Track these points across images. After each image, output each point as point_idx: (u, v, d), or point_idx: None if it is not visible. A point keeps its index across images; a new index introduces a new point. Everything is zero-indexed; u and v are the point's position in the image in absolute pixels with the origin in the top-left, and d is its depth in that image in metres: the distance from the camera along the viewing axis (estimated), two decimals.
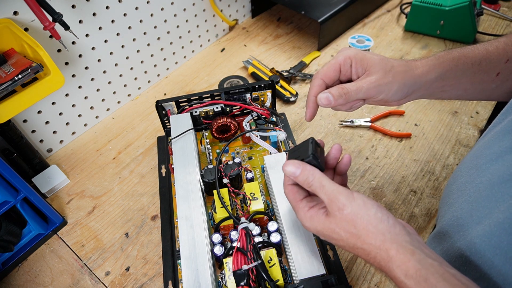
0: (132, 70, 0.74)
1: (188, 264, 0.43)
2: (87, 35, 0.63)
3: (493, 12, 0.92)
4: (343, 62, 0.41)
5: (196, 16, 0.82)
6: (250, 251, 0.44)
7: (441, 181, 0.60)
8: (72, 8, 0.59)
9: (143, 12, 0.70)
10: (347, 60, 0.41)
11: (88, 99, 0.69)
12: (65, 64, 0.63)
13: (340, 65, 0.42)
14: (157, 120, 0.72)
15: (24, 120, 0.61)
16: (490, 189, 0.35)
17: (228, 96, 0.61)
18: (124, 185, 0.63)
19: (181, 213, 0.48)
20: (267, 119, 0.61)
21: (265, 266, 0.43)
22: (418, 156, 0.64)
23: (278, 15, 0.98)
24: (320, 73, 0.42)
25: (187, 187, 0.50)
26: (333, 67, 0.42)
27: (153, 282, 0.51)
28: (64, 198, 0.61)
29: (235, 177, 0.53)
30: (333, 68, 0.42)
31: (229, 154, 0.61)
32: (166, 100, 0.60)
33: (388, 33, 0.90)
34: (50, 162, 0.65)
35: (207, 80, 0.81)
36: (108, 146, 0.69)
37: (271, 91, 0.62)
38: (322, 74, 0.42)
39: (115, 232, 0.57)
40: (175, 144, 0.56)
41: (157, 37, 0.76)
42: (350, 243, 0.34)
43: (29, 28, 0.55)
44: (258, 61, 0.81)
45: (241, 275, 0.42)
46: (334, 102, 0.40)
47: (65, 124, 0.68)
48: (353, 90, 0.40)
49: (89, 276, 0.52)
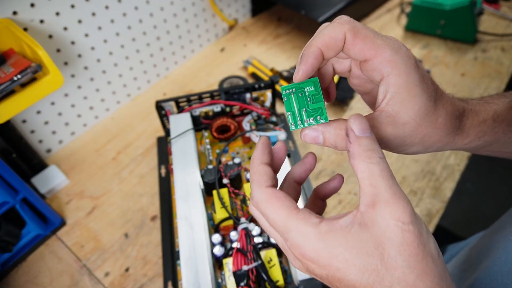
0: (131, 70, 0.74)
1: (187, 264, 0.43)
2: (86, 35, 0.63)
3: (493, 12, 0.92)
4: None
5: (196, 16, 0.81)
6: (250, 252, 0.44)
7: (441, 182, 0.59)
8: (72, 8, 0.59)
9: (143, 12, 0.70)
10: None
11: (88, 99, 0.69)
12: (64, 64, 0.63)
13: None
14: (157, 120, 0.72)
15: (23, 120, 0.61)
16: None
17: (228, 96, 0.60)
18: (124, 185, 0.62)
19: (181, 213, 0.47)
20: (267, 119, 0.61)
21: (265, 267, 0.43)
22: (418, 156, 0.63)
23: (278, 14, 0.98)
24: (319, 39, 0.27)
25: (186, 187, 0.50)
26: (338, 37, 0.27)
27: (153, 282, 0.51)
28: (63, 198, 0.61)
29: (235, 177, 0.53)
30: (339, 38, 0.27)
31: (229, 154, 0.60)
32: (165, 100, 0.60)
33: (389, 32, 0.90)
34: (50, 163, 0.65)
35: (206, 80, 0.80)
36: (108, 147, 0.69)
37: (271, 91, 0.62)
38: (322, 42, 0.27)
39: (115, 232, 0.57)
40: (174, 144, 0.56)
41: (157, 37, 0.75)
42: (387, 279, 0.22)
43: (29, 28, 0.55)
44: (258, 60, 0.81)
45: (241, 275, 0.42)
46: (323, 144, 0.28)
47: (65, 124, 0.68)
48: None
49: (89, 276, 0.52)
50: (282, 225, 0.25)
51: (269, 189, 0.26)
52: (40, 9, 0.55)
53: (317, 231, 0.23)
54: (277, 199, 0.25)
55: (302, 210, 0.25)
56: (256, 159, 0.28)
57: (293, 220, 0.24)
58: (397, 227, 0.22)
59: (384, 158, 0.24)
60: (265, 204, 0.26)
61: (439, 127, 0.28)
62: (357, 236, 0.22)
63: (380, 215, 0.22)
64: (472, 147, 0.32)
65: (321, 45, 0.27)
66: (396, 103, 0.27)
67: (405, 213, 0.22)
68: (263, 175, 0.27)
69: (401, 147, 0.29)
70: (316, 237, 0.23)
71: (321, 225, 0.24)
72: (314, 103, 0.28)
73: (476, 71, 0.80)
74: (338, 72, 0.31)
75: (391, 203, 0.22)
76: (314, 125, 0.28)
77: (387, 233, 0.22)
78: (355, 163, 0.24)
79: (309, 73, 0.27)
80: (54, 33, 0.59)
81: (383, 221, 0.22)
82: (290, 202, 0.25)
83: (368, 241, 0.22)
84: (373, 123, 0.27)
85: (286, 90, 0.28)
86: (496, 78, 0.78)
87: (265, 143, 0.29)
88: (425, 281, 0.21)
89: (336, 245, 0.23)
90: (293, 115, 0.28)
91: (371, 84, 0.31)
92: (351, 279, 0.22)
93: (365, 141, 0.24)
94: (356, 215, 0.23)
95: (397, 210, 0.22)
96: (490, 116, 0.31)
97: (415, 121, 0.27)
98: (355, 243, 0.22)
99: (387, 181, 0.23)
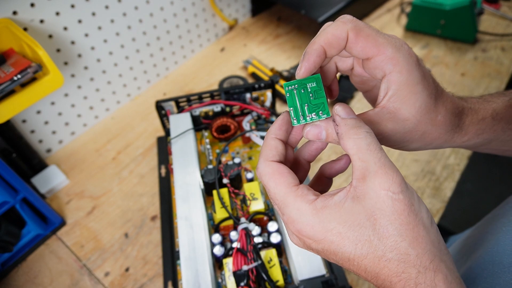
0: (131, 70, 0.74)
1: (187, 264, 0.43)
2: (86, 35, 0.63)
3: (493, 12, 0.92)
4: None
5: (196, 16, 0.81)
6: (250, 252, 0.44)
7: (441, 181, 0.59)
8: (72, 7, 0.59)
9: (143, 12, 0.70)
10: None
11: (88, 99, 0.69)
12: (64, 64, 0.63)
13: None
14: (157, 120, 0.72)
15: (23, 120, 0.61)
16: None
17: (228, 96, 0.60)
18: (124, 185, 0.62)
19: (181, 213, 0.47)
20: (267, 119, 0.61)
21: (265, 267, 0.43)
22: (418, 156, 0.63)
23: (278, 14, 0.98)
24: (322, 37, 0.27)
25: (186, 187, 0.50)
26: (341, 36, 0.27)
27: (153, 282, 0.51)
28: (63, 198, 0.61)
29: (235, 177, 0.52)
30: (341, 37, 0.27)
31: (229, 154, 0.60)
32: (165, 100, 0.60)
33: (389, 32, 0.89)
34: (50, 162, 0.65)
35: (207, 80, 0.80)
36: (108, 146, 0.69)
37: (271, 91, 0.62)
38: (325, 40, 0.27)
39: (115, 232, 0.57)
40: (174, 144, 0.56)
41: (157, 37, 0.75)
42: (380, 249, 0.22)
43: (28, 28, 0.55)
44: (258, 60, 0.81)
45: (241, 275, 0.42)
46: (326, 139, 0.28)
47: (65, 124, 0.68)
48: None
49: (89, 276, 0.52)
50: (280, 200, 0.26)
51: (274, 164, 0.27)
52: (40, 9, 0.55)
53: (312, 207, 0.24)
54: (280, 175, 0.26)
55: (301, 186, 0.26)
56: (271, 132, 0.28)
57: (291, 196, 0.25)
58: (387, 197, 0.22)
59: (370, 133, 0.24)
60: (267, 178, 0.26)
61: (439, 124, 0.29)
62: (350, 210, 0.23)
63: (370, 187, 0.23)
64: (471, 145, 0.32)
65: (324, 43, 0.27)
66: (397, 100, 0.27)
67: (394, 183, 0.22)
68: (272, 149, 0.27)
69: (401, 143, 0.29)
70: (311, 213, 0.24)
71: (316, 201, 0.24)
72: (316, 98, 0.28)
73: (476, 71, 0.80)
74: (340, 70, 0.31)
75: (380, 174, 0.22)
76: (316, 121, 0.28)
77: (378, 204, 0.22)
78: (344, 143, 0.25)
79: (311, 70, 0.27)
80: (54, 33, 0.59)
81: (374, 192, 0.22)
82: (292, 178, 0.26)
83: (360, 213, 0.23)
84: (374, 119, 0.28)
85: (289, 86, 0.28)
86: (496, 78, 0.78)
87: (285, 119, 0.29)
88: (416, 249, 0.22)
89: (330, 219, 0.23)
90: (295, 111, 0.28)
91: (373, 82, 0.31)
92: (345, 251, 0.23)
93: (350, 121, 0.25)
94: (350, 189, 0.24)
95: (387, 180, 0.22)
96: (489, 114, 0.32)
97: (415, 117, 0.27)
98: (348, 216, 0.23)
99: (375, 153, 0.23)
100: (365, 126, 0.25)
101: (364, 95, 0.34)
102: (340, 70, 0.31)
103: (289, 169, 0.27)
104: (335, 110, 0.26)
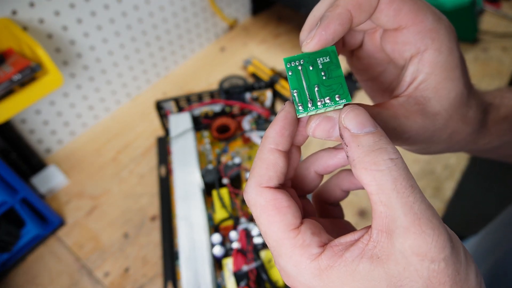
0: (131, 70, 0.74)
1: (187, 264, 0.43)
2: (86, 35, 0.63)
3: (494, 12, 0.92)
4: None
5: (196, 16, 0.81)
6: (250, 252, 0.43)
7: (442, 181, 0.59)
8: (71, 7, 0.59)
9: (143, 12, 0.70)
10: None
11: (87, 99, 0.69)
12: (64, 64, 0.62)
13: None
14: (157, 120, 0.71)
15: (22, 120, 0.61)
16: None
17: (228, 95, 0.60)
18: (124, 185, 0.62)
19: (181, 213, 0.47)
20: (267, 119, 0.61)
21: (265, 267, 0.43)
22: (418, 156, 0.63)
23: (278, 14, 0.98)
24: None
25: (186, 187, 0.50)
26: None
27: (153, 282, 0.51)
28: (63, 198, 0.61)
29: (235, 177, 0.52)
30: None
31: (229, 154, 0.60)
32: (165, 100, 0.60)
33: None
34: (49, 162, 0.65)
35: (206, 79, 0.80)
36: (107, 146, 0.69)
37: (271, 91, 0.62)
38: (354, 1, 0.20)
39: (114, 232, 0.56)
40: (174, 144, 0.56)
41: (157, 37, 0.75)
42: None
43: (28, 27, 0.55)
44: (258, 60, 0.81)
45: (241, 276, 0.42)
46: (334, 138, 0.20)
47: (64, 124, 0.67)
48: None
49: (88, 276, 0.52)
50: (273, 246, 0.19)
51: (269, 193, 0.19)
52: (40, 8, 0.55)
53: (315, 266, 0.18)
54: (276, 211, 0.19)
55: (303, 231, 0.19)
56: (268, 140, 0.20)
57: (287, 245, 0.18)
58: (422, 266, 0.16)
59: (399, 159, 0.17)
60: (259, 211, 0.19)
61: (469, 121, 0.23)
62: (367, 274, 0.17)
63: (397, 248, 0.16)
64: (488, 148, 0.27)
65: (351, 5, 0.19)
66: (428, 88, 0.21)
67: (435, 247, 0.16)
68: (270, 169, 0.19)
69: (425, 145, 0.22)
70: (312, 273, 0.18)
71: (321, 258, 0.18)
72: (331, 78, 0.20)
73: (477, 70, 0.80)
74: (347, 46, 0.25)
75: (413, 233, 0.16)
76: (329, 111, 0.19)
77: (407, 272, 0.16)
78: (358, 174, 0.17)
79: (328, 42, 0.20)
80: (53, 32, 0.59)
81: (402, 256, 0.16)
82: (292, 216, 0.19)
83: (381, 281, 0.17)
84: (399, 112, 0.20)
85: (291, 62, 0.20)
86: (497, 78, 0.78)
87: (288, 118, 0.20)
88: None
89: (337, 284, 0.17)
90: (300, 94, 0.20)
91: (382, 66, 0.25)
92: None
93: (366, 139, 0.17)
94: (367, 244, 0.17)
95: (423, 243, 0.16)
96: (510, 112, 0.26)
97: (447, 112, 0.21)
98: (363, 282, 0.17)
99: (405, 197, 0.16)
100: (389, 148, 0.17)
101: (365, 84, 0.27)
102: (347, 46, 0.24)
103: (289, 199, 0.19)
104: (341, 119, 0.18)
